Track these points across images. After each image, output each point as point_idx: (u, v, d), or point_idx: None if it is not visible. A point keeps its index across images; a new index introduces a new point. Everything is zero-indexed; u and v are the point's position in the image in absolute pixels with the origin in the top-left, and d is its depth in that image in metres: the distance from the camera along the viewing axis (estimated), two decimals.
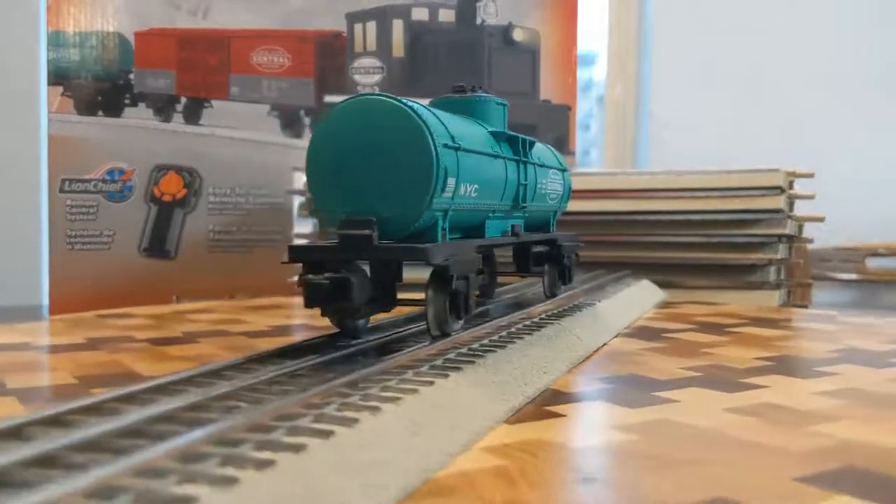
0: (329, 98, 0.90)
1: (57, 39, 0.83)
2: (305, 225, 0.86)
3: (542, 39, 0.94)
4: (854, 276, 1.25)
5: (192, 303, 0.75)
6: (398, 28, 0.91)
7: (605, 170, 1.45)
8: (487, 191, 0.43)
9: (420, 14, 0.91)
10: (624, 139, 1.55)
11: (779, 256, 0.79)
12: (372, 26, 0.90)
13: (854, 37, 1.46)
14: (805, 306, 0.81)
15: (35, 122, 1.02)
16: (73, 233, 0.83)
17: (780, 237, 0.79)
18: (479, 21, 0.92)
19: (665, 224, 0.82)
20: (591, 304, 0.57)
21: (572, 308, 0.54)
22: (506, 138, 0.47)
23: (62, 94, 0.83)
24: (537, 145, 0.53)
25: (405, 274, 0.42)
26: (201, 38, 0.87)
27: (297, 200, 0.87)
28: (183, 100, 0.87)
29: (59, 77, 0.83)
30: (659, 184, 0.82)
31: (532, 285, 0.64)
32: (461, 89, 0.47)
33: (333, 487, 0.22)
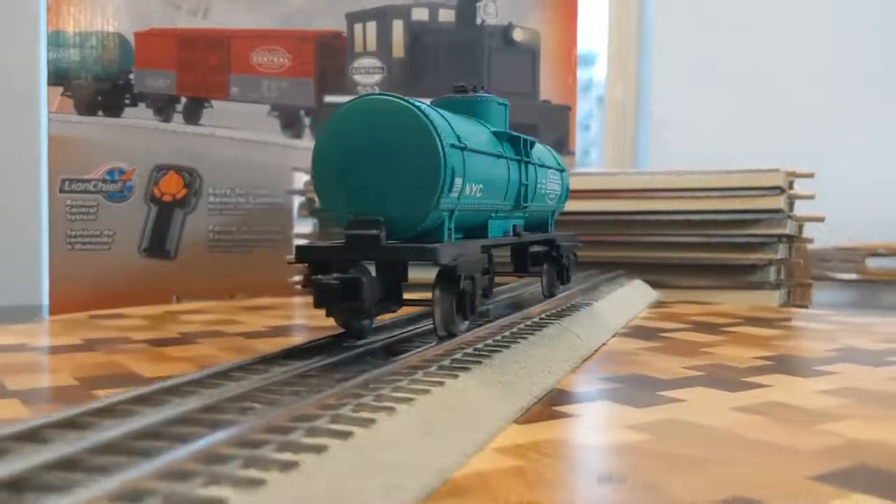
0: (329, 98, 0.90)
1: (57, 39, 0.83)
2: (305, 225, 0.86)
3: (542, 39, 0.94)
4: (854, 276, 1.25)
5: (186, 303, 0.75)
6: (398, 28, 0.91)
7: (604, 170, 1.45)
8: (491, 191, 0.43)
9: (420, 14, 0.91)
10: (624, 139, 1.55)
11: (779, 256, 0.79)
12: (372, 26, 0.90)
13: (854, 37, 1.45)
14: (805, 306, 0.81)
15: (35, 122, 1.02)
16: (73, 233, 0.83)
17: (780, 237, 0.79)
18: (479, 21, 0.92)
19: (665, 224, 0.82)
20: (589, 304, 0.57)
21: (570, 308, 0.54)
22: (508, 138, 0.47)
23: (62, 95, 0.83)
24: (536, 145, 0.53)
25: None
26: (201, 38, 0.87)
27: (297, 200, 0.87)
28: (183, 100, 0.87)
29: (59, 77, 0.83)
30: (659, 184, 0.82)
31: (528, 285, 0.65)
32: (463, 89, 0.47)
33: (355, 489, 0.22)
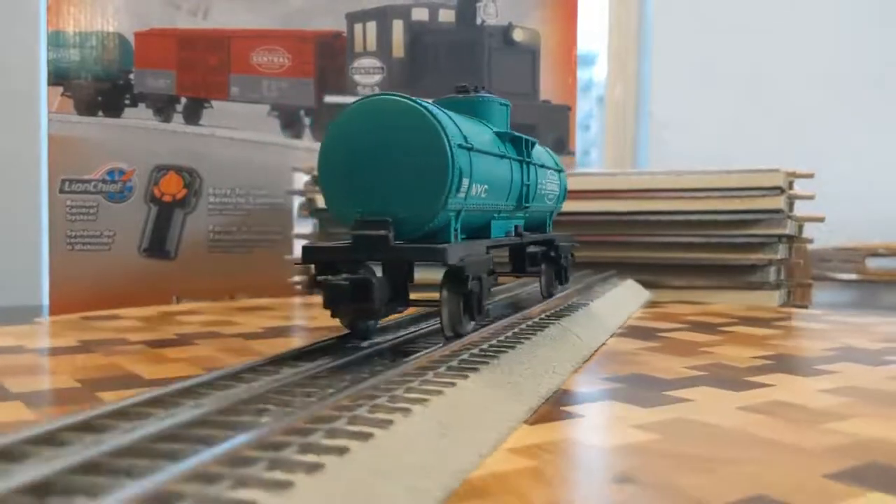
0: (329, 98, 0.90)
1: (57, 40, 0.83)
2: (305, 225, 0.86)
3: (542, 39, 0.94)
4: (854, 276, 1.25)
5: (181, 304, 0.74)
6: (398, 28, 0.91)
7: (604, 170, 1.45)
8: (495, 191, 0.43)
9: (420, 14, 0.91)
10: (624, 139, 1.55)
11: (779, 257, 0.79)
12: (372, 26, 0.90)
13: (854, 37, 1.46)
14: (805, 306, 0.80)
15: (35, 123, 1.02)
16: (74, 233, 0.83)
17: (780, 237, 0.79)
18: (479, 21, 0.92)
19: (665, 224, 0.82)
20: (586, 304, 0.57)
21: (569, 308, 0.54)
22: (510, 139, 0.47)
23: (62, 95, 0.84)
24: (536, 146, 0.53)
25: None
26: (201, 38, 0.87)
27: (297, 201, 0.87)
28: (183, 100, 0.87)
29: (59, 77, 0.83)
30: (659, 184, 0.82)
31: (525, 285, 0.65)
32: (464, 89, 0.47)
33: (381, 491, 0.22)
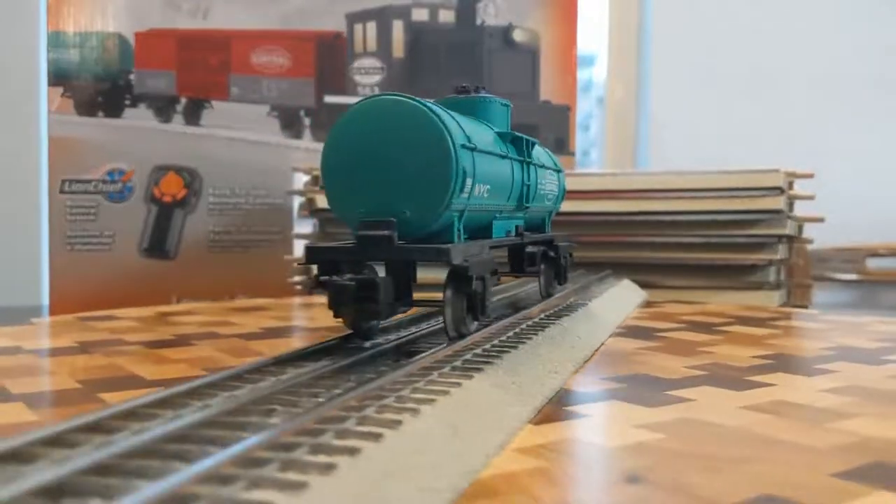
0: (329, 99, 0.90)
1: (57, 40, 0.83)
2: (305, 225, 0.86)
3: (542, 40, 0.94)
4: (854, 276, 1.25)
5: (176, 305, 0.73)
6: (398, 28, 0.91)
7: (604, 170, 1.45)
8: (497, 191, 0.43)
9: (420, 14, 0.91)
10: (624, 139, 1.55)
11: (779, 257, 0.79)
12: (372, 27, 0.90)
13: (854, 37, 1.46)
14: (805, 307, 0.80)
15: (35, 123, 1.02)
16: (74, 233, 0.83)
17: (780, 238, 0.79)
18: (479, 21, 0.92)
19: (665, 224, 0.82)
20: (584, 304, 0.57)
21: (568, 308, 0.54)
22: (511, 139, 0.47)
23: (62, 95, 0.84)
24: (536, 146, 0.53)
25: None
26: (201, 38, 0.87)
27: (297, 201, 0.87)
28: (183, 100, 0.87)
29: (59, 78, 0.83)
30: (658, 184, 0.82)
31: (522, 285, 0.64)
32: (466, 90, 0.47)
33: (393, 492, 0.21)
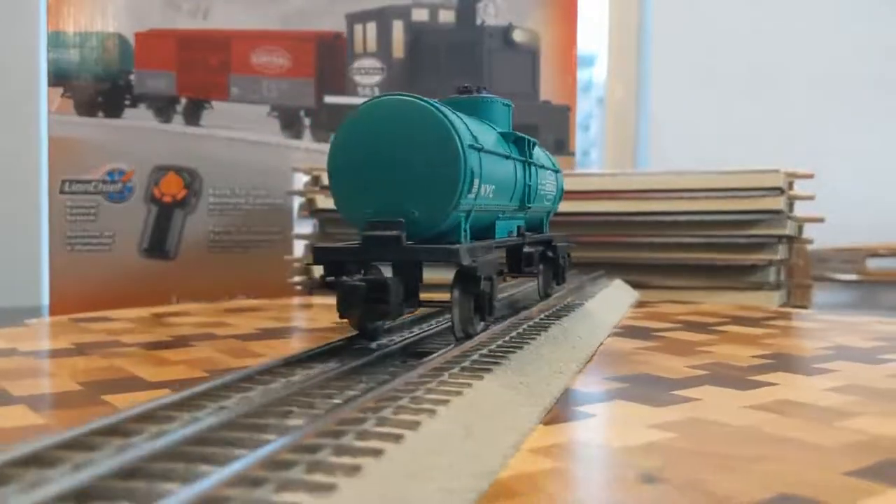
0: (329, 99, 0.90)
1: (57, 40, 0.83)
2: (305, 226, 0.86)
3: (542, 40, 0.94)
4: (854, 276, 1.24)
5: (171, 306, 0.72)
6: (398, 29, 0.91)
7: (604, 170, 1.45)
8: (501, 192, 0.43)
9: (420, 15, 0.91)
10: (624, 139, 1.55)
11: (779, 257, 0.79)
12: (372, 27, 0.90)
13: (854, 37, 1.46)
14: (805, 307, 0.80)
15: (35, 123, 1.02)
16: (74, 234, 0.83)
17: (780, 238, 0.79)
18: (479, 22, 0.92)
19: (665, 225, 0.82)
20: (581, 304, 0.57)
21: (566, 308, 0.54)
22: (513, 139, 0.47)
23: (62, 95, 0.84)
24: (536, 146, 0.53)
25: None
26: (201, 38, 0.87)
27: (297, 201, 0.87)
28: (183, 100, 0.87)
29: (59, 78, 0.83)
30: (658, 184, 0.82)
31: (519, 285, 0.64)
32: (467, 90, 0.47)
33: (416, 493, 0.21)
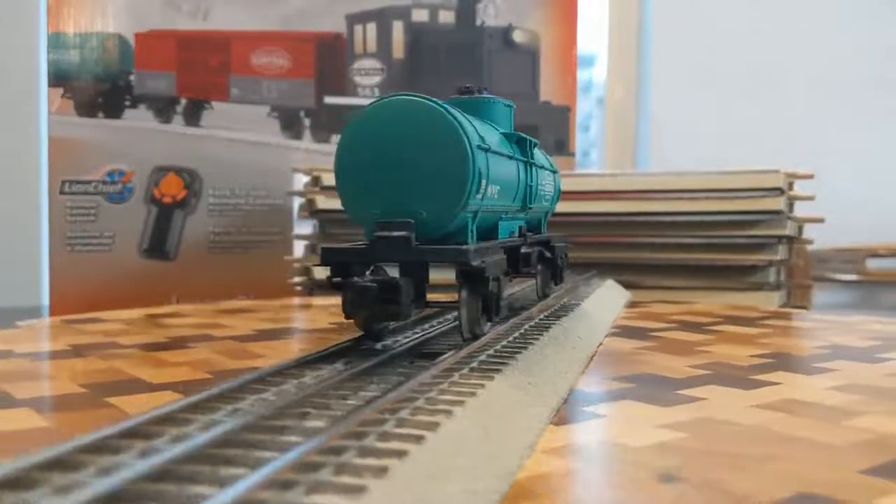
0: (329, 100, 0.90)
1: (57, 41, 0.83)
2: (305, 226, 0.86)
3: (542, 40, 0.94)
4: (854, 277, 1.24)
5: (163, 307, 0.72)
6: (398, 29, 0.91)
7: (604, 171, 1.45)
8: (506, 192, 0.43)
9: (420, 15, 0.91)
10: (624, 140, 1.55)
11: (779, 258, 0.79)
12: (372, 27, 0.90)
13: (854, 37, 1.46)
14: (805, 307, 0.80)
15: (35, 124, 1.02)
16: (74, 234, 0.83)
17: (780, 238, 0.79)
18: (479, 22, 0.92)
19: (664, 225, 0.82)
20: (577, 304, 0.57)
21: (564, 308, 0.54)
22: (516, 140, 0.47)
23: (62, 96, 0.84)
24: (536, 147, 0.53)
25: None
26: (201, 39, 0.87)
27: (297, 202, 0.87)
28: (183, 101, 0.87)
29: (59, 78, 0.83)
30: (658, 185, 0.82)
31: (514, 285, 0.64)
32: (469, 90, 0.47)
33: (439, 495, 0.21)
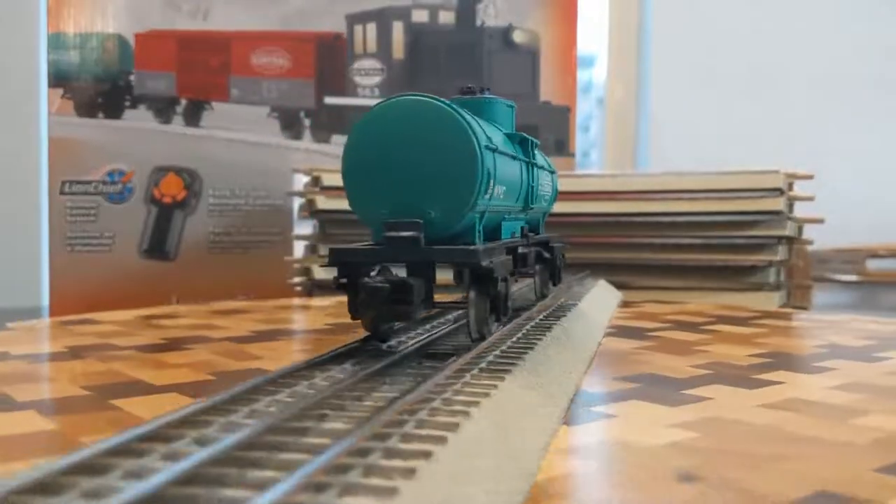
0: (329, 100, 0.90)
1: (57, 41, 0.83)
2: (305, 227, 0.86)
3: (542, 41, 0.94)
4: (854, 277, 1.24)
5: (157, 308, 0.71)
6: (398, 29, 0.91)
7: (604, 171, 1.45)
8: (510, 192, 0.43)
9: (420, 16, 0.91)
10: (624, 140, 1.55)
11: (778, 258, 0.79)
12: (372, 28, 0.90)
13: (854, 37, 1.46)
14: (805, 308, 0.80)
15: (35, 124, 1.02)
16: (74, 234, 0.83)
17: (780, 239, 0.79)
18: (479, 23, 0.92)
19: (664, 226, 0.82)
20: (574, 304, 0.57)
21: (561, 308, 0.54)
22: (518, 140, 0.47)
23: (62, 96, 0.84)
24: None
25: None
26: (201, 39, 0.87)
27: (297, 202, 0.87)
28: (183, 101, 0.87)
29: (59, 79, 0.83)
30: (658, 185, 0.82)
31: (513, 285, 0.64)
32: (470, 90, 0.47)
33: (463, 496, 0.21)
